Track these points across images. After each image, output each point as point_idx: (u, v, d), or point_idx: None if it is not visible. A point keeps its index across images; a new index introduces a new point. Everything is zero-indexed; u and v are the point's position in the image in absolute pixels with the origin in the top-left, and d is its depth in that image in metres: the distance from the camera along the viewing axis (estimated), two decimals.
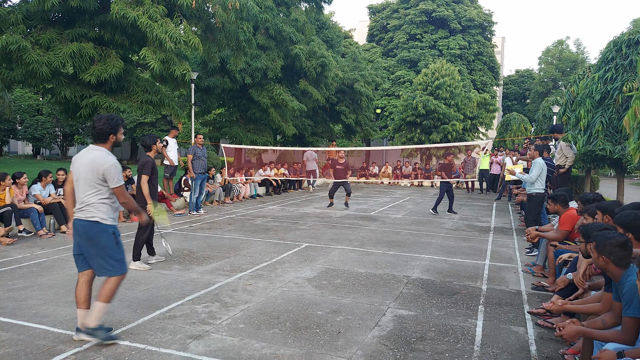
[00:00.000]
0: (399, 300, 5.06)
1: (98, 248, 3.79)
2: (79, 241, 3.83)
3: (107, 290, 3.85)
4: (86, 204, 3.77)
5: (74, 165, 3.87)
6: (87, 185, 3.78)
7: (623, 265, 3.01)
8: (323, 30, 25.42)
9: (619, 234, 3.13)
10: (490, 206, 14.20)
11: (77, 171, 3.83)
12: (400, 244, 8.15)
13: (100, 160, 3.75)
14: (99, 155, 3.79)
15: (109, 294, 3.86)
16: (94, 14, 10.66)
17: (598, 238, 3.14)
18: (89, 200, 3.77)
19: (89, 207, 3.77)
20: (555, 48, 44.68)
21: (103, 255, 3.80)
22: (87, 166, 3.78)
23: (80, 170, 3.80)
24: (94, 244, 3.78)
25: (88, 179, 3.77)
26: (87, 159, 3.80)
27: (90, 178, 3.76)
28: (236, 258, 6.85)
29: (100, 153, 3.81)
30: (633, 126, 6.84)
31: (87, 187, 3.78)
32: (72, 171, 3.89)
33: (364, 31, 43.48)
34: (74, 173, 3.87)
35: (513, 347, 3.95)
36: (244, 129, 19.67)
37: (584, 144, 9.57)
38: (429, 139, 24.22)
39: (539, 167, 7.76)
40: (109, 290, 3.86)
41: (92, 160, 3.77)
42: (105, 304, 3.87)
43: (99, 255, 3.80)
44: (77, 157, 3.88)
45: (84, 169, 3.79)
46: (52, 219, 8.48)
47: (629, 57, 9.43)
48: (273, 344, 3.87)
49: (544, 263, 6.31)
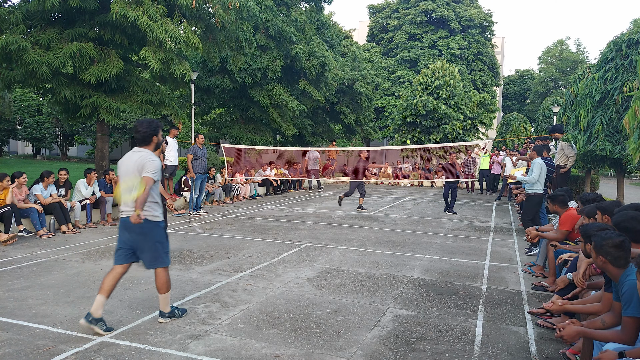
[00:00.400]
0: (399, 300, 5.06)
1: (151, 242, 4.09)
2: (129, 237, 4.10)
3: (161, 282, 4.19)
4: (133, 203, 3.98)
5: (120, 169, 4.16)
6: (135, 185, 4.01)
7: (620, 266, 3.02)
8: (323, 30, 25.42)
9: (617, 234, 3.13)
10: (490, 206, 14.20)
11: (124, 173, 4.11)
12: (400, 244, 8.15)
13: (142, 159, 4.04)
14: (142, 155, 4.07)
15: (165, 284, 4.21)
16: (94, 14, 10.65)
17: (596, 238, 3.15)
18: None
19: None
20: (555, 48, 44.69)
21: (155, 248, 4.12)
22: (133, 166, 4.05)
23: (128, 171, 4.08)
24: (148, 239, 4.09)
25: (133, 178, 4.04)
26: (132, 161, 4.09)
27: (135, 176, 4.02)
28: (236, 258, 6.85)
29: (144, 154, 4.09)
30: (633, 126, 6.84)
31: (136, 188, 4.01)
32: (119, 172, 4.19)
33: (364, 31, 43.50)
34: (121, 174, 4.16)
35: (513, 347, 3.95)
36: (244, 129, 19.67)
37: (584, 144, 9.57)
38: (429, 139, 24.22)
39: (538, 167, 7.75)
40: (163, 282, 4.20)
41: (137, 160, 4.06)
42: (168, 292, 4.24)
43: (151, 249, 4.10)
44: (123, 161, 4.16)
45: (131, 169, 4.06)
46: (52, 219, 8.48)
47: (629, 57, 9.43)
48: (273, 344, 3.87)
49: (544, 263, 6.31)
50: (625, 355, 2.61)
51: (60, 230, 8.41)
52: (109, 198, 9.49)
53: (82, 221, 9.10)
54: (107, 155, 12.09)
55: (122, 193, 4.11)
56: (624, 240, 3.07)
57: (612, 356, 2.66)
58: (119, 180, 4.18)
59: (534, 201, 7.91)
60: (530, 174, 7.84)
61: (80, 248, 7.28)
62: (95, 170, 9.89)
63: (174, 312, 4.33)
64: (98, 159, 12.01)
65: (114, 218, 9.73)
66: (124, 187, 4.10)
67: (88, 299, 4.86)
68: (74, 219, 8.79)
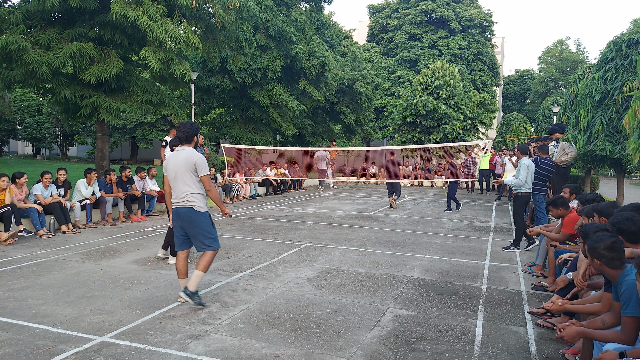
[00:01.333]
0: (399, 300, 5.06)
1: (199, 228, 4.62)
2: (182, 225, 4.67)
3: (205, 262, 4.67)
4: (186, 193, 4.59)
5: (168, 165, 4.68)
6: (185, 179, 4.59)
7: (616, 267, 3.02)
8: (323, 30, 25.43)
9: (608, 236, 3.14)
10: (490, 206, 14.20)
11: (174, 169, 4.62)
12: (400, 244, 8.15)
13: (191, 156, 4.60)
14: (190, 152, 4.63)
15: (206, 264, 4.67)
16: (94, 14, 10.65)
17: (588, 242, 3.17)
18: (187, 191, 4.59)
19: (188, 197, 4.59)
20: (555, 48, 44.67)
21: (202, 233, 4.63)
22: (182, 162, 4.59)
23: (178, 167, 4.60)
24: (195, 226, 4.62)
25: (185, 173, 4.58)
26: (181, 157, 4.61)
27: (186, 171, 4.58)
28: (236, 258, 6.85)
29: (190, 150, 4.66)
30: (633, 126, 6.85)
31: (185, 181, 4.59)
32: (168, 171, 4.68)
33: (364, 31, 43.48)
34: (170, 172, 4.66)
35: (513, 347, 3.95)
36: (244, 129, 19.67)
37: (584, 144, 9.57)
38: (429, 139, 24.21)
39: (524, 168, 7.75)
40: (206, 262, 4.67)
41: (185, 156, 4.60)
42: (203, 272, 4.68)
43: (199, 234, 4.63)
44: (171, 159, 4.67)
45: (181, 164, 4.59)
46: (52, 219, 8.48)
47: (629, 57, 9.43)
48: (273, 344, 3.88)
49: (543, 263, 6.32)
50: (626, 356, 2.61)
51: (60, 230, 8.41)
52: (109, 198, 9.49)
53: (82, 221, 9.10)
54: (107, 155, 12.09)
55: (173, 186, 4.65)
56: (616, 242, 3.07)
57: (613, 356, 2.66)
58: (168, 175, 4.68)
59: (521, 200, 8.00)
60: (518, 175, 7.83)
61: (80, 248, 7.28)
62: (96, 170, 9.90)
63: (194, 296, 4.62)
64: (98, 159, 12.01)
65: (114, 218, 9.73)
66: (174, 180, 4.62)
67: (88, 299, 4.86)
68: (74, 219, 8.79)
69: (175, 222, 4.73)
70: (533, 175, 7.95)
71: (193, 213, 4.60)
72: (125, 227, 9.26)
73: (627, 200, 6.89)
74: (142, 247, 7.44)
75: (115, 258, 6.70)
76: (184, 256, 4.80)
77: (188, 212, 4.61)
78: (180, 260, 4.79)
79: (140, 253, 7.04)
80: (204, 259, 4.67)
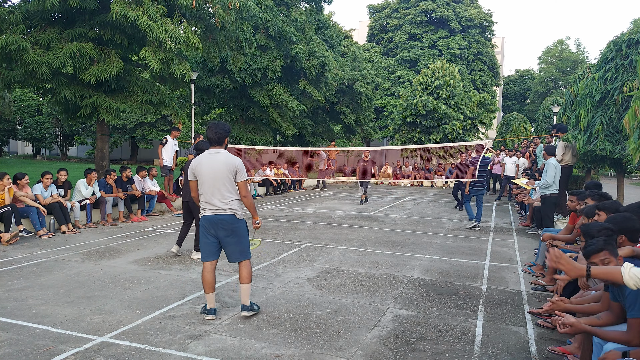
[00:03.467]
0: (399, 300, 5.06)
1: (237, 237, 4.33)
2: (216, 233, 4.31)
3: (246, 273, 4.40)
4: (229, 200, 4.27)
5: (202, 169, 4.27)
6: (225, 184, 4.25)
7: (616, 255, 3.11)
8: (323, 30, 25.39)
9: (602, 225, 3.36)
10: (490, 206, 14.20)
11: (210, 173, 4.24)
12: (400, 244, 8.15)
13: (232, 159, 4.29)
14: (228, 155, 4.32)
15: (248, 275, 4.41)
16: (93, 14, 10.64)
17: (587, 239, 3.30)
18: (230, 197, 4.27)
19: (231, 202, 4.27)
20: (555, 48, 44.67)
21: (240, 242, 4.35)
22: (222, 165, 4.24)
23: (216, 171, 4.23)
24: (234, 234, 4.31)
25: (225, 177, 4.24)
26: (219, 161, 4.26)
27: (227, 175, 4.24)
28: None
29: (226, 153, 4.34)
30: (633, 126, 6.85)
31: (227, 186, 4.26)
32: (202, 176, 4.28)
33: (364, 31, 43.47)
34: (205, 176, 4.26)
35: (513, 347, 3.95)
36: (244, 129, 19.65)
37: (584, 144, 9.57)
38: (429, 139, 24.21)
39: (552, 168, 7.68)
40: (247, 273, 4.41)
41: (225, 160, 4.26)
42: (250, 284, 4.43)
43: (236, 243, 4.34)
44: (204, 162, 4.28)
45: (220, 168, 4.23)
46: (52, 219, 8.48)
47: (629, 57, 9.42)
48: (273, 344, 3.87)
49: (543, 263, 6.31)
50: (629, 356, 2.60)
51: (60, 230, 8.41)
52: (109, 198, 9.49)
53: (82, 221, 9.10)
54: (107, 155, 12.09)
55: (207, 192, 4.27)
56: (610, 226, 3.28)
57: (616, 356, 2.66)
58: (200, 179, 4.31)
59: (550, 202, 7.87)
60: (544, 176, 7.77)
61: (80, 248, 7.28)
62: (95, 170, 9.89)
63: (253, 307, 4.48)
64: (98, 159, 12.01)
65: (114, 218, 9.73)
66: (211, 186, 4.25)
67: (88, 299, 4.86)
68: (73, 219, 8.79)
69: (209, 231, 4.32)
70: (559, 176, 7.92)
71: (235, 221, 4.30)
72: (125, 227, 9.26)
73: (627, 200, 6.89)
74: (142, 247, 7.44)
75: (115, 258, 6.70)
76: (212, 267, 4.41)
77: (230, 220, 4.27)
78: (208, 272, 4.38)
79: (140, 253, 7.04)
80: (245, 270, 4.40)
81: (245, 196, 4.33)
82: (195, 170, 4.32)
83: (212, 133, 4.33)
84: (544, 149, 8.35)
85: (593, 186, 6.52)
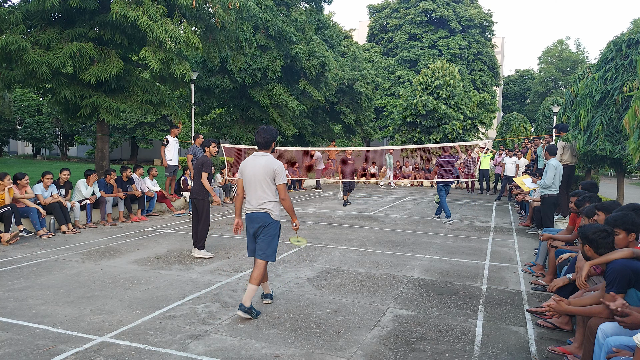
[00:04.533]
0: (399, 300, 5.06)
1: (267, 235, 4.55)
2: (255, 230, 4.56)
3: (257, 274, 4.50)
4: (264, 200, 4.53)
5: (245, 170, 4.59)
6: (262, 186, 4.52)
7: None
8: (323, 30, 25.40)
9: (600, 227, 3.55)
10: (490, 206, 14.20)
11: (251, 174, 4.54)
12: (400, 244, 8.15)
13: (271, 163, 4.54)
14: (269, 159, 4.57)
15: (258, 277, 4.50)
16: (94, 14, 10.64)
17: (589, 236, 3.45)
18: (265, 198, 4.54)
19: (266, 203, 4.54)
20: (555, 48, 44.67)
21: (268, 241, 4.54)
22: (261, 169, 4.50)
23: (256, 173, 4.52)
24: (266, 232, 4.54)
25: (263, 180, 4.51)
26: (261, 164, 4.52)
27: (265, 178, 4.50)
28: (236, 258, 6.85)
29: (269, 157, 4.59)
30: (633, 126, 6.84)
31: (264, 187, 4.52)
32: (245, 176, 4.60)
33: (364, 31, 43.46)
34: (247, 176, 4.58)
35: (513, 347, 3.95)
36: (244, 129, 19.64)
37: (584, 144, 9.57)
38: (429, 139, 24.21)
39: (552, 169, 7.68)
40: (259, 274, 4.50)
41: (265, 163, 4.52)
42: (256, 286, 4.48)
43: (265, 241, 4.53)
44: (247, 164, 4.60)
45: (259, 171, 4.50)
46: (52, 219, 8.48)
47: (629, 57, 9.42)
48: (273, 344, 3.88)
49: (544, 262, 6.31)
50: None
51: (60, 230, 8.41)
52: (109, 198, 9.49)
53: (82, 221, 9.10)
54: (107, 155, 12.08)
55: (248, 191, 4.57)
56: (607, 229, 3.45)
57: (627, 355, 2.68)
58: (243, 179, 4.62)
59: (549, 202, 7.87)
60: (544, 176, 7.77)
61: (80, 248, 7.28)
62: (95, 171, 9.89)
63: (252, 311, 4.45)
64: (98, 159, 12.01)
65: (114, 218, 9.73)
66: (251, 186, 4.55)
67: (88, 299, 4.86)
68: (73, 219, 8.79)
69: (249, 228, 4.62)
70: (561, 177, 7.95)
71: (269, 218, 4.57)
72: (125, 227, 9.26)
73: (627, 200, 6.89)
74: (142, 247, 7.44)
75: (115, 258, 6.70)
76: None
77: (264, 218, 4.55)
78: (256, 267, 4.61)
79: (140, 253, 7.04)
80: (256, 271, 4.51)
81: (284, 199, 4.60)
82: (241, 171, 4.67)
83: (260, 137, 4.58)
84: (546, 148, 8.36)
85: (589, 186, 6.54)
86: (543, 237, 6.08)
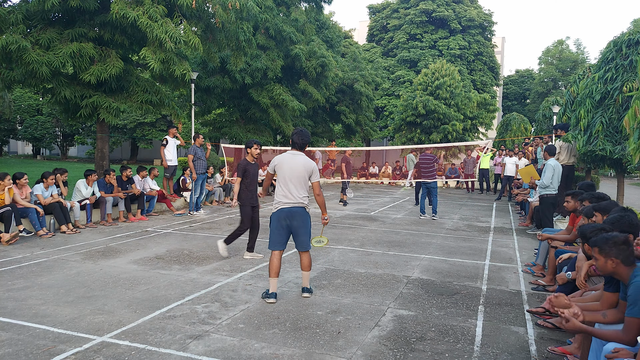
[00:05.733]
0: (399, 300, 5.06)
1: (305, 228, 5.02)
2: (289, 224, 4.97)
3: (307, 262, 5.11)
4: (303, 196, 4.97)
5: (283, 166, 4.96)
6: (301, 182, 4.95)
7: (630, 263, 2.98)
8: (323, 30, 25.38)
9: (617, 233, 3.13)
10: (490, 206, 14.20)
11: (290, 170, 4.92)
12: (400, 244, 8.15)
13: (309, 162, 5.00)
14: (307, 158, 5.03)
15: (309, 264, 5.12)
16: (94, 14, 10.64)
17: (599, 242, 3.08)
18: (303, 194, 4.98)
19: (304, 198, 4.98)
20: (555, 48, 44.65)
21: (307, 233, 5.04)
22: (301, 166, 4.94)
23: (295, 170, 4.92)
24: (304, 225, 5.00)
25: (302, 176, 4.94)
26: (299, 162, 4.95)
27: (303, 175, 4.93)
28: (236, 258, 6.85)
29: (305, 156, 5.04)
30: (633, 126, 6.85)
31: (302, 183, 4.96)
32: (282, 170, 4.95)
33: (364, 31, 43.43)
34: (284, 172, 4.94)
35: (513, 347, 3.95)
36: (244, 129, 19.65)
37: (584, 144, 9.57)
38: (429, 139, 24.20)
39: (551, 169, 7.69)
40: (308, 262, 5.11)
41: (304, 162, 4.97)
42: (309, 271, 5.16)
43: (305, 234, 5.02)
44: (285, 160, 4.97)
45: (299, 168, 4.93)
46: (52, 219, 8.48)
47: (629, 57, 9.42)
48: (273, 344, 3.88)
49: (544, 262, 6.32)
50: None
51: (60, 230, 8.41)
52: (108, 198, 9.49)
53: (82, 221, 9.10)
54: (107, 155, 12.09)
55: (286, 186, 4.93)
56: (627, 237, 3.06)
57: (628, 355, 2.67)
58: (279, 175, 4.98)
59: (547, 202, 7.86)
60: (543, 176, 7.77)
61: (80, 248, 7.28)
62: (95, 171, 9.89)
63: (310, 289, 5.16)
64: (98, 159, 12.01)
65: (114, 218, 9.73)
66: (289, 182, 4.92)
67: (88, 299, 4.86)
68: (73, 219, 8.79)
69: (282, 221, 4.95)
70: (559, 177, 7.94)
71: (305, 213, 5.01)
72: (125, 227, 9.26)
73: (627, 201, 6.90)
74: (142, 247, 7.44)
75: (115, 258, 6.70)
76: (280, 255, 5.03)
77: (302, 212, 4.97)
78: (277, 259, 5.00)
79: (140, 253, 7.04)
80: (305, 261, 5.09)
81: (319, 194, 5.06)
82: (276, 166, 5.03)
83: (298, 139, 5.02)
84: (545, 149, 8.37)
85: (586, 187, 6.55)
86: (542, 237, 6.09)
